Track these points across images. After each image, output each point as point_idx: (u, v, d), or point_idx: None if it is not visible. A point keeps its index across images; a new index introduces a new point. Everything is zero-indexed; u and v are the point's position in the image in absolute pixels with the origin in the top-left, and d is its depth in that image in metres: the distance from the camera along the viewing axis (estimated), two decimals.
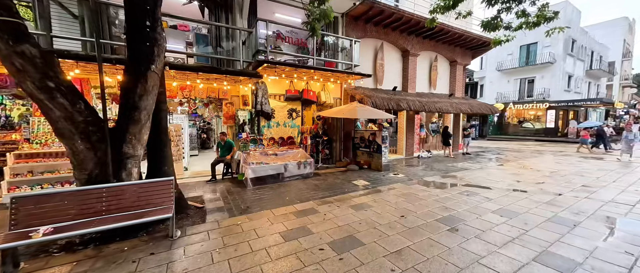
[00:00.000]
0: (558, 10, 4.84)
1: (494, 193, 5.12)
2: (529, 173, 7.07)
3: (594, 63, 22.81)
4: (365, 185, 5.80)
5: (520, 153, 12.06)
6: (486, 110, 11.93)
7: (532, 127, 21.10)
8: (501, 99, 22.45)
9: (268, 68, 6.09)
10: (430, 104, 9.66)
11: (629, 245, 2.93)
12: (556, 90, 19.63)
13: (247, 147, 6.35)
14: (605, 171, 7.24)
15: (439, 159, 9.95)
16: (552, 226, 3.45)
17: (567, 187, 5.53)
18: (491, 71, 23.39)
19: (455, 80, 12.02)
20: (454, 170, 7.62)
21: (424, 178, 6.47)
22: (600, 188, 5.42)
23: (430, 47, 10.89)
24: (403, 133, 10.51)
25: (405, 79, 10.39)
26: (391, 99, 8.56)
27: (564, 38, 19.10)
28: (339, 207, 4.27)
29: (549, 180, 6.19)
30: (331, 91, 8.33)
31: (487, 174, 7.05)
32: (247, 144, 6.47)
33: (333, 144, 8.67)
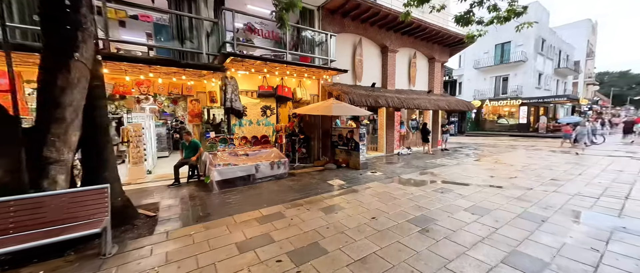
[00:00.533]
0: (527, 5, 4.83)
1: (467, 189, 5.07)
2: (502, 168, 7.20)
3: (561, 62, 24.22)
4: (341, 184, 5.57)
5: (495, 148, 12.44)
6: (463, 107, 12.17)
7: (506, 123, 22.04)
8: (478, 96, 23.25)
9: (235, 62, 5.67)
10: (409, 100, 9.63)
11: (595, 240, 2.90)
12: (528, 87, 20.59)
13: (215, 147, 5.90)
14: (572, 165, 7.54)
15: (418, 156, 9.97)
16: (522, 223, 3.39)
17: (537, 181, 5.62)
18: (469, 69, 24.14)
19: (433, 77, 12.13)
20: (432, 167, 7.61)
21: (401, 176, 6.36)
22: (567, 181, 5.56)
23: (409, 43, 10.87)
24: (383, 130, 10.44)
25: (384, 76, 10.30)
26: (370, 96, 8.40)
27: (535, 37, 20.03)
28: (309, 210, 4.00)
29: (521, 175, 6.30)
30: (308, 87, 8.02)
31: (462, 170, 7.08)
32: (216, 144, 6.02)
33: (311, 143, 8.38)
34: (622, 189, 4.90)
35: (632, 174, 6.22)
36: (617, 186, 5.09)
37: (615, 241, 2.87)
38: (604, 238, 2.93)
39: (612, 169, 6.73)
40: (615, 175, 6.07)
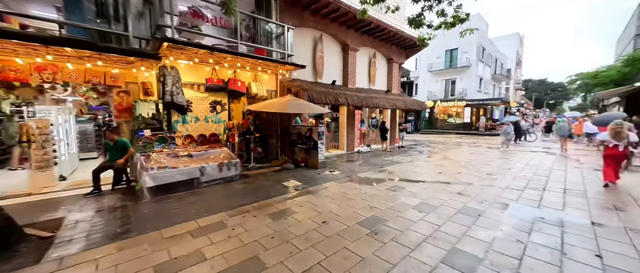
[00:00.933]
0: (469, 13, 5.16)
1: (417, 186, 5.27)
2: (449, 165, 7.78)
3: (497, 69, 27.78)
4: (296, 186, 5.30)
5: (444, 145, 13.59)
6: (418, 107, 12.98)
7: (454, 122, 24.47)
8: (431, 97, 25.30)
9: (173, 49, 4.91)
10: (369, 99, 9.82)
11: (519, 232, 3.16)
12: (471, 90, 23.12)
13: (150, 147, 5.08)
14: (503, 160, 8.54)
15: (377, 154, 10.28)
16: (461, 219, 3.56)
17: (476, 176, 6.15)
18: (424, 71, 26.08)
19: (392, 77, 12.65)
20: (388, 164, 7.85)
21: (358, 175, 6.37)
22: (500, 176, 6.21)
23: (369, 43, 11.08)
24: (344, 128, 10.49)
25: (345, 74, 10.32)
26: (330, 94, 8.28)
27: (477, 46, 22.52)
28: (256, 217, 3.63)
29: (464, 170, 6.86)
30: (265, 82, 7.52)
31: (415, 167, 7.44)
32: (151, 144, 5.19)
33: (269, 142, 7.93)
34: (541, 181, 5.64)
35: (548, 167, 7.27)
36: (537, 179, 5.84)
37: (535, 231, 3.17)
38: (527, 230, 3.21)
39: (533, 164, 7.80)
40: (535, 169, 7.02)
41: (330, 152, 9.99)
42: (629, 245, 2.84)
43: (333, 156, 9.51)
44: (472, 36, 22.80)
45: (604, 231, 3.19)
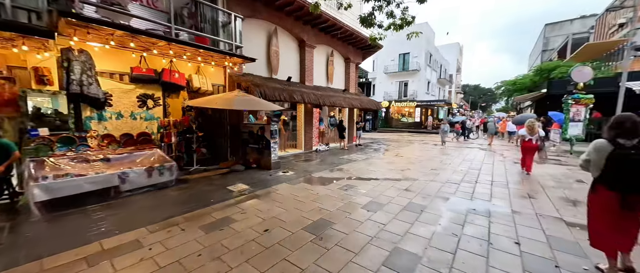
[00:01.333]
0: (415, 16, 5.38)
1: (369, 184, 5.30)
2: (399, 161, 8.17)
3: (442, 74, 31.00)
4: (243, 190, 4.82)
5: (398, 143, 14.46)
6: (373, 106, 13.49)
7: (407, 121, 26.48)
8: (387, 98, 26.89)
9: (77, 27, 3.93)
10: (326, 97, 9.74)
11: (454, 225, 3.33)
12: (420, 92, 25.28)
13: (46, 151, 4.00)
14: (446, 156, 9.37)
15: (334, 152, 10.30)
16: (406, 216, 3.62)
17: (422, 172, 6.54)
18: (380, 73, 27.55)
19: (349, 76, 12.86)
20: (344, 162, 7.87)
21: (313, 175, 6.17)
22: (442, 170, 6.71)
23: (327, 41, 11.02)
24: (301, 127, 10.22)
25: (302, 71, 10.05)
26: (285, 90, 7.90)
27: (425, 51, 24.69)
28: (185, 231, 3.09)
29: (412, 167, 7.25)
30: (210, 75, 6.76)
31: (369, 164, 7.61)
32: (48, 146, 4.09)
33: (217, 141, 7.18)
34: (474, 175, 6.26)
35: (480, 162, 8.20)
36: (471, 173, 6.47)
37: (468, 223, 3.37)
38: (461, 222, 3.41)
39: (468, 159, 8.72)
40: (470, 163, 7.84)
41: (287, 152, 9.63)
42: (539, 230, 3.21)
43: (290, 155, 9.17)
44: (421, 43, 25.00)
45: (520, 218, 3.57)
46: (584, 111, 9.78)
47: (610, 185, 2.11)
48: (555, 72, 18.06)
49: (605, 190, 2.15)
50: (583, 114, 9.80)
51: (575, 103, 9.81)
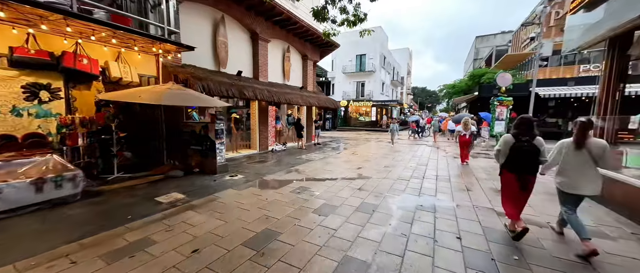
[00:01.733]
0: (367, 13, 5.34)
1: (323, 186, 5.08)
2: (355, 160, 8.22)
3: (394, 76, 33.27)
4: (176, 200, 4.06)
5: (355, 141, 14.81)
6: (331, 104, 13.51)
7: (364, 120, 27.61)
8: (345, 97, 27.58)
9: None
10: (281, 94, 9.26)
11: (404, 224, 3.30)
12: (376, 92, 26.62)
13: None
14: (398, 153, 9.85)
15: (292, 152, 9.90)
16: (357, 218, 3.47)
17: (376, 170, 6.64)
18: (339, 72, 28.10)
19: (307, 74, 12.60)
20: (300, 163, 7.54)
21: (264, 177, 5.67)
22: (394, 168, 6.94)
23: (283, 36, 10.52)
24: (256, 126, 9.53)
25: (256, 66, 9.36)
26: (234, 86, 7.16)
27: (379, 54, 26.06)
28: (75, 264, 2.33)
29: (367, 165, 7.34)
30: (136, 63, 5.65)
31: (325, 164, 7.44)
32: None
33: (151, 144, 6.08)
34: (422, 171, 6.61)
35: (427, 157, 8.82)
36: (419, 169, 6.84)
37: (416, 221, 3.39)
38: (409, 220, 3.40)
39: (418, 155, 9.32)
40: (418, 159, 8.36)
41: (239, 153, 8.84)
42: (476, 222, 3.40)
43: (242, 157, 8.43)
44: (376, 45, 26.29)
45: (461, 211, 3.76)
46: (506, 111, 11.44)
47: (510, 168, 2.83)
48: (484, 78, 20.96)
49: (507, 172, 2.87)
50: (505, 114, 11.46)
51: (500, 104, 11.40)
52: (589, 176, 2.59)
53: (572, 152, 2.66)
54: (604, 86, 4.73)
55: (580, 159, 2.62)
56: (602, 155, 2.56)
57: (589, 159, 2.59)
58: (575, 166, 2.64)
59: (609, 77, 4.64)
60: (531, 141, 2.67)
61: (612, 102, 4.59)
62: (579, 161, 2.63)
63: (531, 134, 2.69)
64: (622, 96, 4.57)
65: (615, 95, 4.57)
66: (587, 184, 2.58)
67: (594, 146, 2.58)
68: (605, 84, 4.72)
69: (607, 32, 4.39)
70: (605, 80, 4.73)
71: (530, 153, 2.67)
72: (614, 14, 4.28)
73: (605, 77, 4.72)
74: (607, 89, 4.67)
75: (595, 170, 2.60)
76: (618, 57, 4.52)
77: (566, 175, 2.69)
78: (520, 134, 2.72)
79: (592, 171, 2.59)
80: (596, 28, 4.74)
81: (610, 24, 4.33)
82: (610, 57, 4.65)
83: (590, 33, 4.88)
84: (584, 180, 2.59)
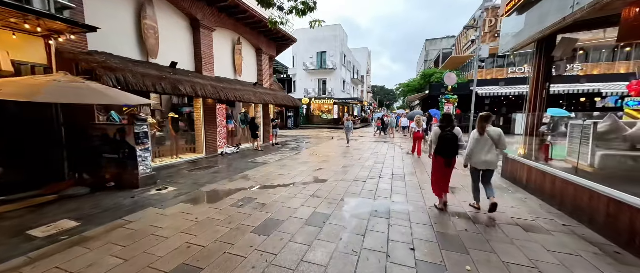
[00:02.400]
0: (316, 1, 4.86)
1: (272, 195, 4.47)
2: (313, 160, 7.78)
3: (355, 74, 34.04)
4: (59, 232, 2.99)
5: (316, 139, 14.44)
6: (290, 102, 12.85)
7: (326, 118, 27.59)
8: (307, 94, 27.14)
9: None
10: (230, 91, 8.26)
11: (356, 237, 2.92)
12: (337, 90, 26.80)
13: None
14: (357, 151, 9.75)
15: (245, 154, 8.99)
16: (305, 235, 2.97)
17: (333, 170, 6.28)
18: (300, 69, 27.47)
19: (262, 69, 11.68)
20: (252, 167, 6.77)
21: (203, 188, 4.80)
22: (351, 167, 6.69)
23: (231, 26, 9.44)
24: (201, 126, 8.35)
25: (198, 58, 8.16)
26: (164, 79, 5.99)
27: (340, 52, 26.23)
28: None
29: (325, 165, 6.95)
30: (12, 47, 4.17)
31: (280, 167, 6.81)
32: None
33: (47, 152, 4.62)
34: (378, 169, 6.48)
35: (384, 154, 8.87)
36: (376, 168, 6.71)
37: (369, 232, 3.05)
38: (362, 231, 3.05)
39: (375, 152, 9.34)
40: (376, 157, 8.33)
41: (180, 158, 7.61)
42: (429, 225, 3.22)
43: (183, 163, 7.26)
44: (336, 43, 26.37)
45: (415, 215, 3.58)
46: (452, 108, 12.36)
47: (439, 152, 3.59)
48: (433, 77, 22.70)
49: (437, 156, 3.64)
50: (452, 110, 12.37)
51: (447, 101, 12.26)
52: (490, 155, 3.46)
53: (477, 138, 3.50)
54: (533, 85, 5.12)
55: (483, 143, 3.47)
56: (498, 139, 3.42)
57: (489, 143, 3.44)
58: (480, 148, 3.50)
59: (537, 77, 5.03)
60: (452, 131, 3.52)
61: (540, 99, 4.99)
62: (482, 145, 3.48)
63: (451, 126, 3.55)
64: (548, 94, 5.01)
65: (542, 93, 4.97)
66: (489, 160, 3.46)
67: (492, 132, 3.41)
68: (534, 83, 5.11)
69: (535, 34, 4.70)
70: (534, 80, 5.12)
71: (452, 140, 3.50)
72: (541, 18, 4.61)
73: (534, 77, 5.11)
74: (535, 87, 5.06)
75: (494, 150, 3.46)
76: (544, 58, 4.91)
77: (474, 156, 3.55)
78: (445, 127, 3.55)
79: (493, 151, 3.46)
80: (526, 31, 5.09)
81: (537, 28, 4.65)
82: (538, 58, 5.04)
83: (521, 36, 5.23)
84: (486, 158, 3.46)
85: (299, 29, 28.16)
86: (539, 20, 4.67)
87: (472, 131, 3.63)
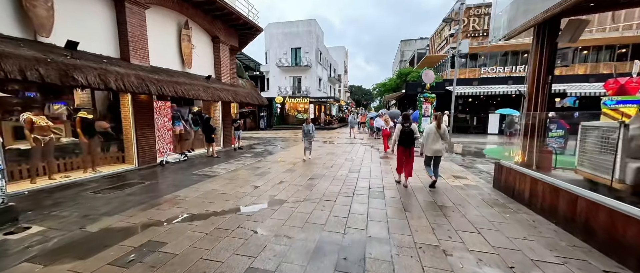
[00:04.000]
0: None
1: (193, 232, 3.01)
2: (275, 170, 6.37)
3: (332, 73, 33.07)
4: None
5: (288, 142, 13.00)
6: (255, 100, 11.27)
7: (302, 117, 26.17)
8: (281, 93, 25.51)
9: None
10: (166, 84, 6.54)
11: None
12: (313, 89, 25.54)
13: None
14: (330, 155, 8.52)
15: (193, 163, 7.31)
16: None
17: (297, 184, 4.96)
18: (273, 66, 25.74)
19: (219, 62, 9.96)
20: (193, 182, 5.20)
21: (88, 227, 3.18)
22: (320, 178, 5.42)
23: (175, 6, 7.67)
24: (131, 129, 6.52)
25: (124, 42, 6.32)
26: (50, 64, 4.18)
27: (315, 48, 25.00)
28: None
29: (288, 177, 5.61)
30: None
31: (229, 181, 5.32)
32: None
33: None
34: (352, 181, 5.29)
35: (359, 160, 7.74)
36: (350, 179, 5.52)
37: None
38: None
39: (350, 159, 8.19)
40: (351, 163, 7.16)
41: (97, 172, 5.74)
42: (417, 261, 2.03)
43: (99, 178, 5.45)
44: (311, 40, 25.09)
45: (400, 257, 2.38)
46: (430, 108, 11.70)
47: (401, 143, 4.79)
48: (409, 76, 22.43)
49: (399, 146, 4.84)
50: (430, 110, 11.71)
51: (425, 100, 11.56)
52: (437, 145, 4.58)
53: (433, 132, 4.59)
54: (533, 78, 4.23)
55: (434, 136, 4.59)
56: (444, 133, 4.58)
57: (438, 136, 4.58)
58: (432, 140, 4.61)
59: (538, 68, 4.14)
60: (410, 127, 4.71)
61: (542, 96, 4.12)
62: (433, 138, 4.60)
63: (409, 123, 4.76)
64: (550, 90, 4.16)
65: (544, 88, 4.10)
66: (437, 149, 4.59)
67: (442, 129, 4.58)
68: (533, 76, 4.23)
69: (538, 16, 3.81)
70: (533, 72, 4.23)
71: (410, 133, 4.70)
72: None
73: (534, 68, 4.23)
74: (536, 81, 4.17)
75: (441, 141, 4.59)
76: (548, 46, 4.04)
77: (427, 146, 4.69)
78: (404, 123, 4.76)
79: (439, 142, 4.58)
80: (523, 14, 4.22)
81: (541, 7, 3.76)
82: (539, 46, 4.15)
83: (518, 20, 4.36)
84: (435, 147, 4.60)
85: (273, 23, 26.43)
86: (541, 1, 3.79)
87: (427, 125, 4.75)
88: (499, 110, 14.86)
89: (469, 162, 7.58)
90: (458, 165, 7.03)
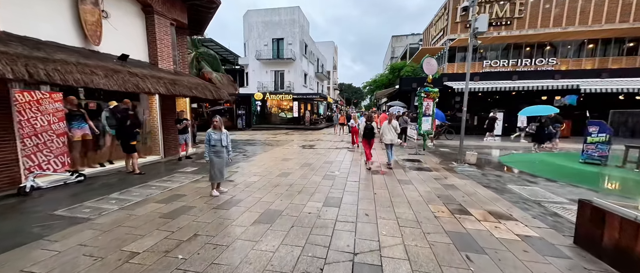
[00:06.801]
0: None
1: None
2: (212, 204, 3.92)
3: (319, 68, 30.67)
4: None
5: (263, 146, 10.52)
6: (208, 94, 8.65)
7: (286, 116, 23.67)
8: (262, 89, 22.89)
9: None
10: (32, 62, 3.92)
11: None
12: (298, 84, 23.07)
13: None
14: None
15: (92, 187, 4.75)
16: None
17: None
18: (252, 59, 23.06)
19: (155, 42, 7.33)
20: (41, 236, 2.68)
21: None
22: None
23: None
24: None
25: None
26: None
27: (299, 40, 22.50)
28: None
29: (208, 227, 3.18)
30: None
31: (92, 239, 2.84)
32: None
33: None
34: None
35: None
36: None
37: None
38: None
39: (330, 174, 5.87)
40: (329, 185, 4.82)
41: None
42: None
43: None
44: (295, 30, 22.50)
45: None
46: (433, 105, 9.56)
47: (364, 136, 6.25)
48: (403, 71, 20.39)
49: (363, 139, 6.31)
50: (432, 107, 9.56)
51: (427, 95, 9.39)
52: (390, 135, 6.33)
53: (387, 126, 6.36)
54: None
55: (388, 128, 6.34)
56: (396, 126, 6.36)
57: (392, 128, 6.32)
58: (387, 131, 6.35)
59: None
60: (371, 124, 6.17)
61: None
62: (388, 129, 6.33)
63: (371, 121, 6.21)
64: None
65: None
66: (391, 138, 6.34)
67: (393, 123, 6.36)
68: None
69: None
70: None
71: (371, 129, 6.15)
72: None
73: None
74: None
75: (394, 132, 6.32)
76: None
77: (384, 135, 6.44)
78: (368, 122, 6.20)
79: (392, 132, 6.32)
80: None
81: None
82: None
83: None
84: (390, 137, 6.35)
85: (252, 10, 23.58)
86: None
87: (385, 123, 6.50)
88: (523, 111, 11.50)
89: (495, 180, 5.41)
90: (484, 188, 4.83)
